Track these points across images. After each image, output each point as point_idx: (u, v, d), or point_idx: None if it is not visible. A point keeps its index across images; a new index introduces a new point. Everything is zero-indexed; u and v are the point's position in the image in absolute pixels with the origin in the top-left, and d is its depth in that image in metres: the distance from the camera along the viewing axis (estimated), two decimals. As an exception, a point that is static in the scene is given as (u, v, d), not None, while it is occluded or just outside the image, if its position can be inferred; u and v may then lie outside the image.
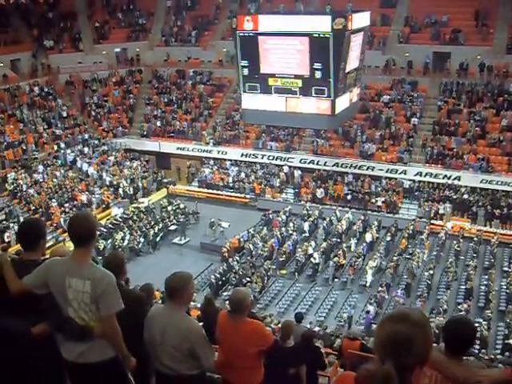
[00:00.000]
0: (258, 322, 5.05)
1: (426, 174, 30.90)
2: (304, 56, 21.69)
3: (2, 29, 39.82)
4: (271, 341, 4.93)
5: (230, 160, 35.50)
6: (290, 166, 33.47)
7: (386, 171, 31.65)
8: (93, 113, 39.16)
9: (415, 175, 31.19)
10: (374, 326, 20.19)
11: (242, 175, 34.30)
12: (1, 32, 39.56)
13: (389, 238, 27.13)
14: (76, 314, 3.72)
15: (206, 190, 34.18)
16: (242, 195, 32.96)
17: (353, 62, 21.82)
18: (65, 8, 43.11)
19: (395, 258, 24.99)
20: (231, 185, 33.82)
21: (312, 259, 25.34)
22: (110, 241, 27.11)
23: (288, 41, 24.16)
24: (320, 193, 31.56)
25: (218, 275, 24.20)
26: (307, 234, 28.18)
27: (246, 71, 28.46)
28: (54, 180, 32.34)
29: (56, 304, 3.80)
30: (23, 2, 40.12)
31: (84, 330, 3.72)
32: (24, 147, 33.74)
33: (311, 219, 29.07)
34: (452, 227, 28.23)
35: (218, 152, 35.84)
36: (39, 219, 5.59)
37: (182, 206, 31.46)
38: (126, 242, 27.13)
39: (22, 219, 27.55)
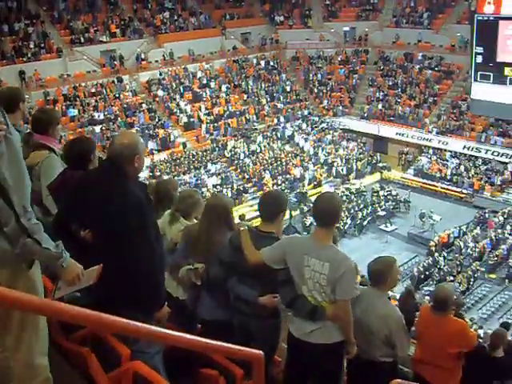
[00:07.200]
0: (463, 322, 5.18)
1: None
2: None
3: (236, 3, 44.83)
4: (474, 343, 5.07)
5: (451, 151, 35.42)
6: (515, 165, 32.26)
7: None
8: (315, 90, 42.07)
9: None
10: None
11: (462, 168, 34.18)
12: (235, 6, 44.60)
13: None
14: (309, 293, 3.96)
15: (421, 180, 34.54)
16: (459, 189, 32.83)
17: None
18: (298, -16, 46.46)
19: None
20: (449, 177, 33.92)
21: (527, 268, 24.59)
22: (316, 218, 29.13)
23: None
24: (547, 197, 30.16)
25: (422, 268, 24.58)
26: (526, 241, 27.31)
27: (479, 58, 28.90)
28: (271, 152, 35.79)
29: (290, 280, 4.06)
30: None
31: (315, 309, 3.95)
32: (247, 117, 38.06)
33: (532, 225, 27.90)
34: None
35: (439, 142, 35.91)
36: (283, 193, 6.06)
37: (394, 192, 32.28)
38: (332, 221, 29.16)
39: (235, 186, 31.80)
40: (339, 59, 43.82)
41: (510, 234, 27.89)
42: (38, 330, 2.89)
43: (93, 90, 34.90)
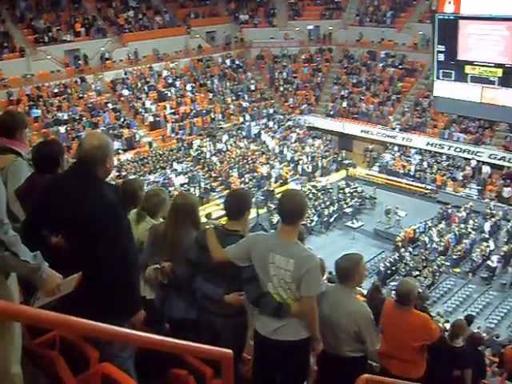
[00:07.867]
0: (426, 316, 5.27)
1: None
2: (509, 43, 21.77)
3: (201, 2, 44.77)
4: (437, 336, 5.21)
5: (415, 148, 35.71)
6: (477, 161, 32.89)
7: None
8: (281, 88, 42.22)
9: None
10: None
11: (425, 165, 34.52)
12: (200, 5, 44.54)
13: None
14: (275, 290, 3.94)
15: (385, 176, 34.81)
16: (423, 185, 33.14)
17: None
18: (262, -17, 46.53)
19: None
20: (412, 173, 34.19)
21: (489, 262, 25.11)
22: (283, 215, 29.08)
23: (492, 26, 23.96)
24: (507, 192, 30.70)
25: (388, 264, 24.83)
26: (487, 235, 27.66)
27: (441, 57, 29.16)
28: (237, 151, 35.85)
29: (256, 277, 4.05)
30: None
31: (280, 306, 3.93)
32: (212, 116, 38.00)
33: (494, 219, 28.51)
34: None
35: (403, 138, 36.25)
36: (248, 191, 5.89)
37: (359, 189, 32.63)
38: (299, 219, 29.16)
39: (202, 185, 31.76)
40: (303, 57, 43.99)
41: (472, 229, 28.21)
42: (13, 338, 2.84)
43: (56, 90, 34.39)
